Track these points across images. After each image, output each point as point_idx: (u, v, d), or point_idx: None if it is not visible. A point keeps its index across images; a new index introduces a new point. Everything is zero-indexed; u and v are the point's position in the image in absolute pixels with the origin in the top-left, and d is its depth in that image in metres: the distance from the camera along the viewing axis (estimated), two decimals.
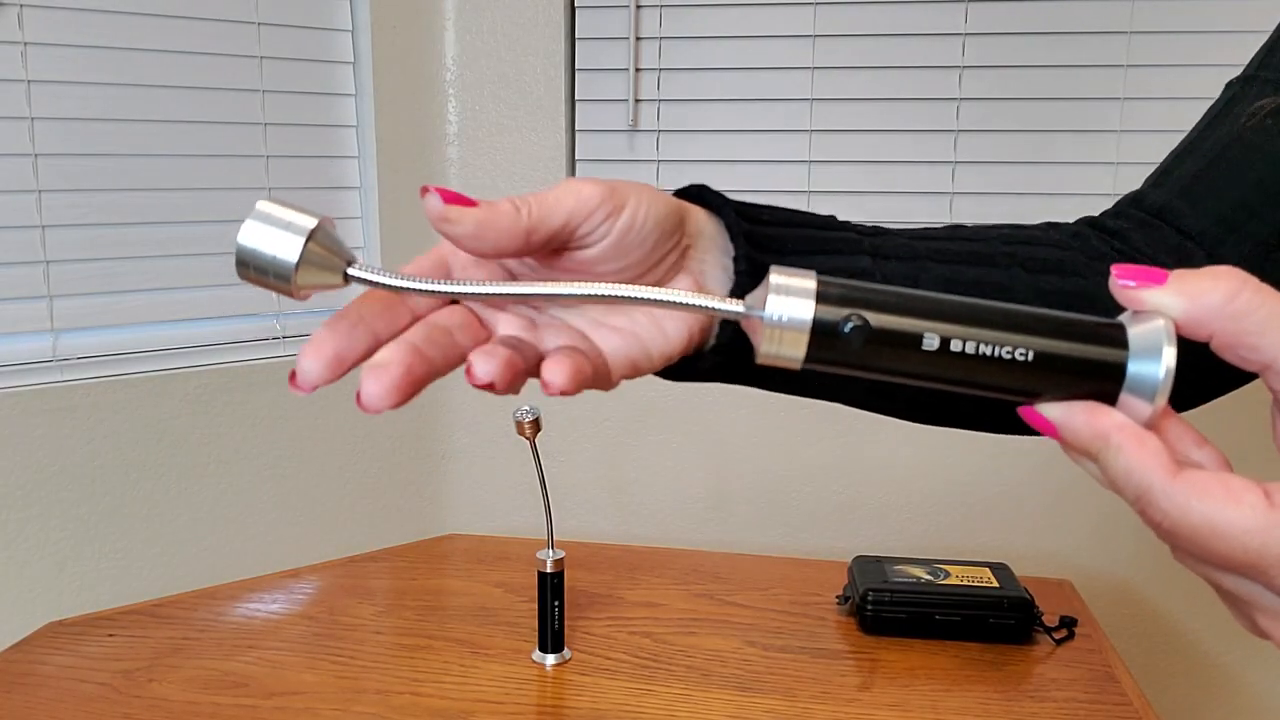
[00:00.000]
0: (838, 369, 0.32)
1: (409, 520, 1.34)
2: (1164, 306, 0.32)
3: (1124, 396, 0.32)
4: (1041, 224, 0.50)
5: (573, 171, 1.32)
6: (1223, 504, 0.31)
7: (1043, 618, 0.96)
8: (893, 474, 1.27)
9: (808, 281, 0.31)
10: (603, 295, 0.33)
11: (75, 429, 1.08)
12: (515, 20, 1.27)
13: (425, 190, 0.34)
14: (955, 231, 0.47)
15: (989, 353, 0.32)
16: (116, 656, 0.93)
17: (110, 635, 0.97)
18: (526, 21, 1.27)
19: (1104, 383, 0.32)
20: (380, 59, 1.23)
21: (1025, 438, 0.38)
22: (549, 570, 0.90)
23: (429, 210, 0.34)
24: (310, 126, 1.22)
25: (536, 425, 0.88)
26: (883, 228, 0.47)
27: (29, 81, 1.03)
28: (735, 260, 0.41)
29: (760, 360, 0.32)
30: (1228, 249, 0.47)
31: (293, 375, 0.33)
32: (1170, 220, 0.48)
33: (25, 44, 1.02)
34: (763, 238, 0.42)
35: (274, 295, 1.21)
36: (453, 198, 0.34)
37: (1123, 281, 0.33)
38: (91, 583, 1.11)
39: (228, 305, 1.19)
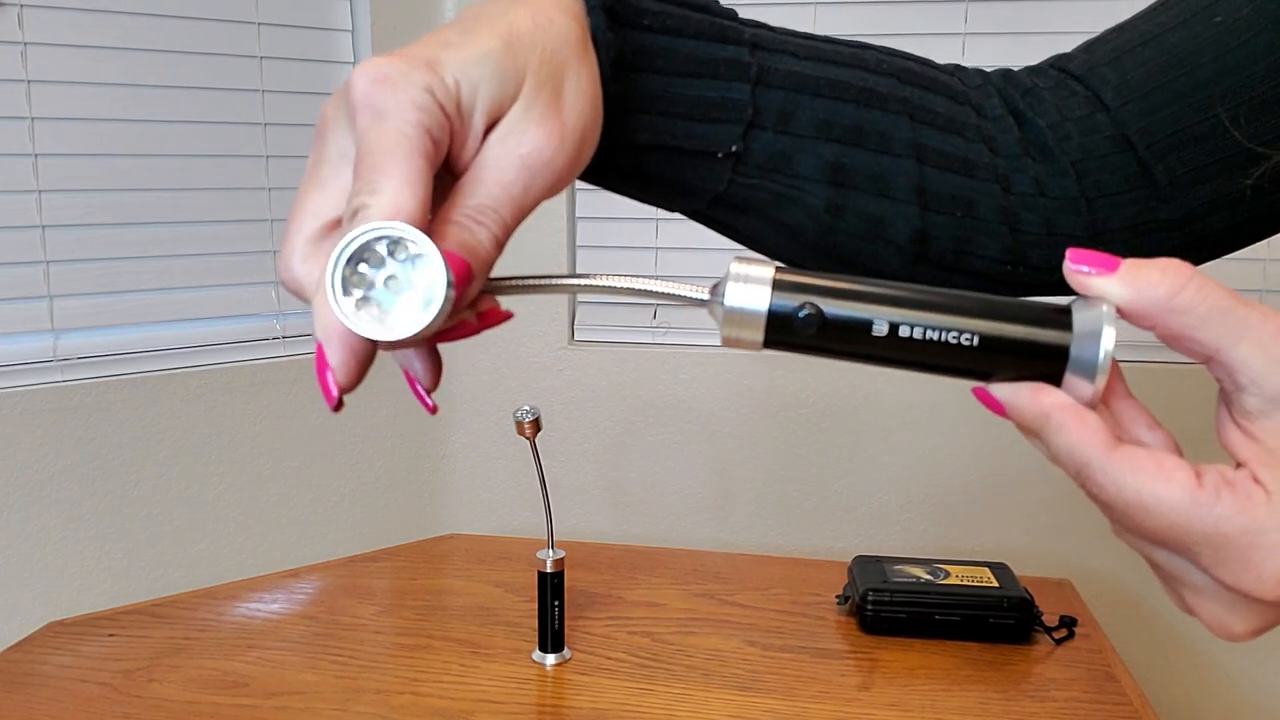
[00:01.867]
0: (795, 350, 0.35)
1: (409, 520, 1.34)
2: (1109, 295, 0.33)
3: (1068, 377, 0.34)
4: (951, 65, 0.48)
5: (573, 187, 1.31)
6: (1153, 480, 0.32)
7: (1042, 617, 0.96)
8: (893, 474, 1.27)
9: (765, 270, 0.34)
10: (592, 286, 0.36)
11: (75, 429, 1.08)
12: None
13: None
14: (860, 56, 0.44)
15: (936, 338, 0.34)
16: (117, 656, 0.93)
17: (110, 635, 0.97)
18: None
19: (1049, 364, 0.34)
20: None
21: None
22: (549, 570, 0.90)
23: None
24: (310, 127, 1.21)
25: (536, 425, 0.88)
26: (784, 37, 0.43)
27: (29, 81, 1.03)
28: (603, 84, 0.37)
29: (722, 343, 0.35)
30: (1136, 131, 0.44)
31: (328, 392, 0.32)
32: (1092, 86, 0.46)
33: (25, 44, 1.02)
34: (633, 50, 0.38)
35: (274, 295, 1.21)
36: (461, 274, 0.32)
37: (1075, 266, 0.34)
38: (91, 583, 1.11)
39: (228, 305, 1.19)
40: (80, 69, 1.06)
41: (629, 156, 0.40)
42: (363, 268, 0.30)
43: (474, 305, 0.34)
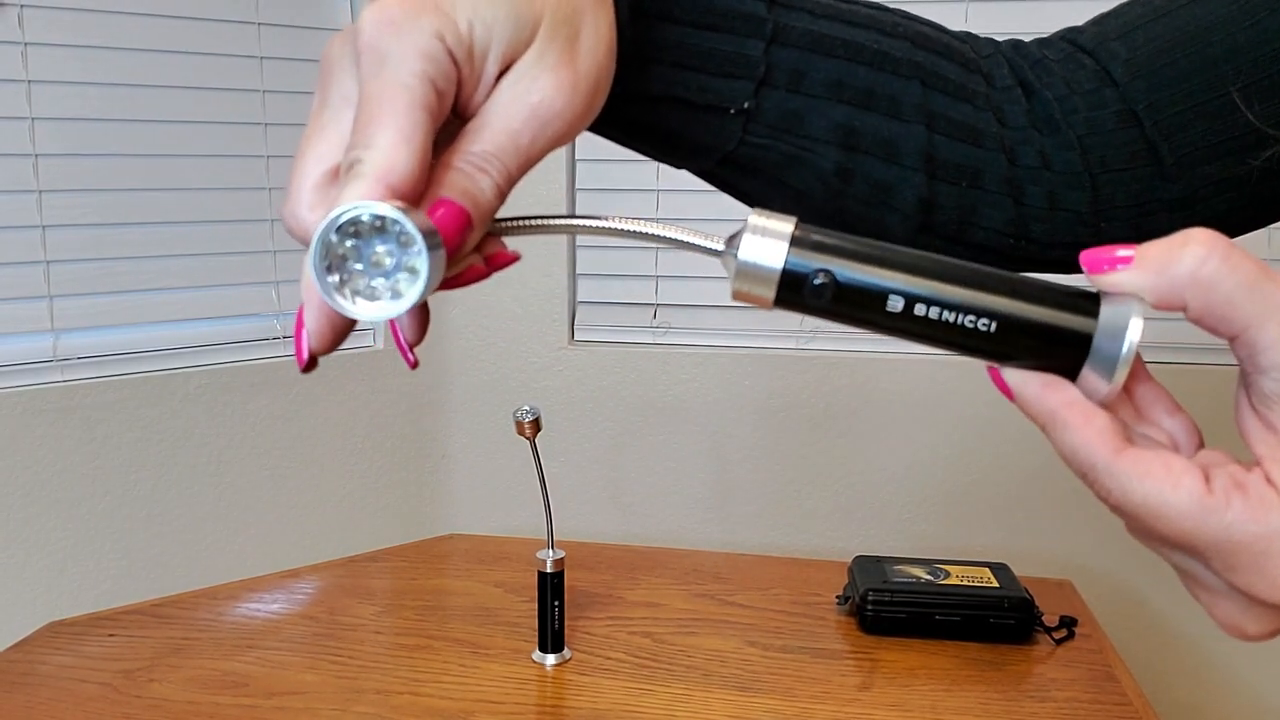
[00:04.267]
0: (805, 312, 0.33)
1: (409, 520, 1.34)
2: (1136, 287, 0.32)
3: (1086, 370, 0.33)
4: (963, 33, 0.47)
5: (573, 170, 1.32)
6: (1160, 485, 0.31)
7: (1043, 618, 0.96)
8: (893, 474, 1.27)
9: (785, 226, 0.32)
10: (599, 228, 0.35)
11: (75, 429, 1.08)
12: None
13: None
14: (876, 18, 0.43)
15: (952, 319, 0.32)
16: (116, 656, 0.93)
17: (110, 635, 0.97)
18: None
19: (1070, 352, 0.33)
20: None
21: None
22: (549, 570, 0.90)
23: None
24: None
25: (536, 425, 0.88)
26: None
27: (29, 81, 1.03)
28: (620, 30, 0.36)
29: (732, 297, 0.33)
30: (1144, 107, 0.44)
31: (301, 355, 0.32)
32: (1101, 60, 0.45)
33: (25, 44, 1.02)
34: None
35: (274, 295, 1.21)
36: (448, 226, 0.31)
37: (1091, 268, 0.33)
38: (91, 583, 1.11)
39: (228, 305, 1.19)
40: (80, 69, 1.06)
41: (641, 108, 0.40)
42: (350, 243, 0.29)
43: (480, 249, 0.34)
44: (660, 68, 0.39)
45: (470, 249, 0.32)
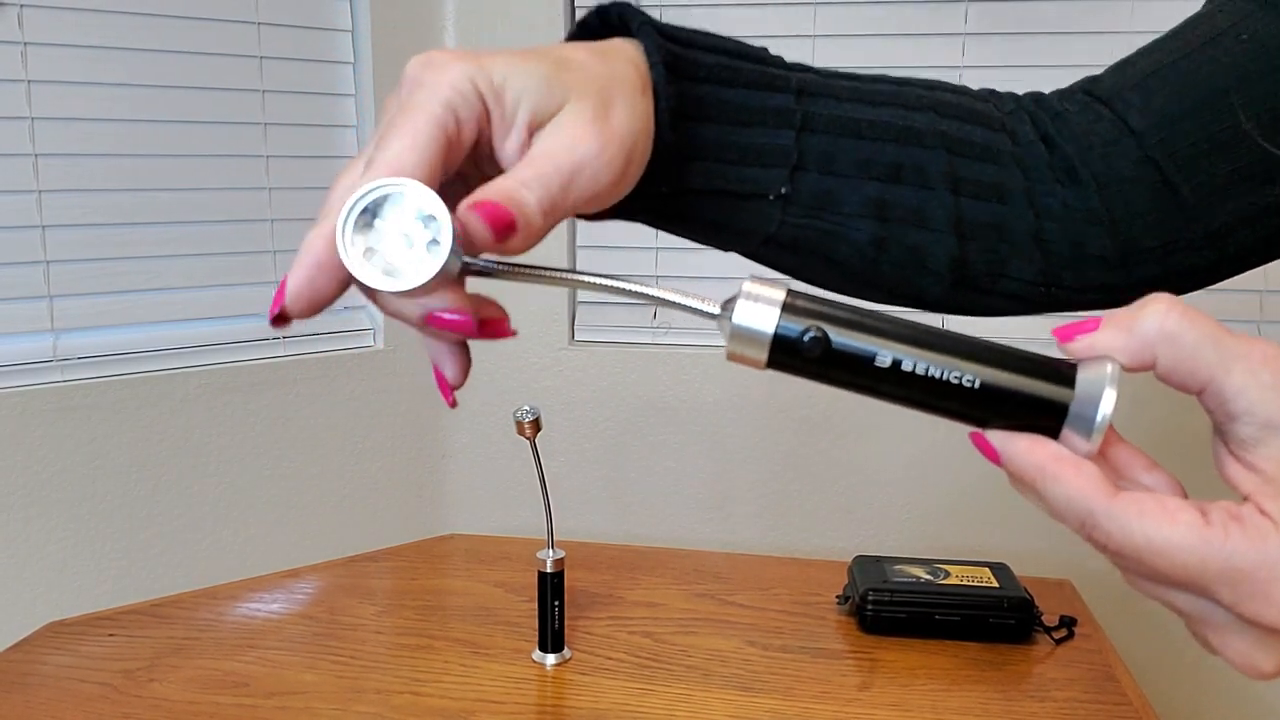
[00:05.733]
0: (797, 374, 0.35)
1: (409, 520, 1.34)
2: (1108, 347, 0.33)
3: (1065, 432, 0.34)
4: (985, 91, 0.49)
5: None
6: (1159, 522, 0.32)
7: (1043, 618, 0.96)
8: (893, 474, 1.27)
9: (777, 293, 0.34)
10: (595, 284, 0.36)
11: (75, 429, 1.08)
12: (515, 22, 1.27)
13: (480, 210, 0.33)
14: (899, 94, 0.46)
15: (938, 375, 0.34)
16: (116, 656, 0.93)
17: (110, 635, 0.97)
18: (526, 23, 1.27)
19: (1048, 417, 0.34)
20: (380, 60, 1.23)
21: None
22: (549, 570, 0.90)
23: (479, 234, 0.33)
24: (310, 126, 1.22)
25: (536, 425, 0.88)
26: (828, 80, 0.45)
27: (29, 81, 1.03)
28: (661, 133, 0.39)
29: (727, 359, 0.35)
30: (1160, 148, 0.45)
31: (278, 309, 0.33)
32: (1118, 110, 0.47)
33: (25, 44, 1.02)
34: (690, 101, 0.40)
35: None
36: (492, 217, 0.33)
37: (1063, 340, 0.34)
38: (91, 583, 1.11)
39: (228, 305, 1.19)
40: (80, 69, 1.06)
41: (687, 201, 0.42)
42: (377, 223, 0.32)
43: (479, 312, 0.36)
44: (702, 164, 0.42)
45: (517, 249, 0.34)
